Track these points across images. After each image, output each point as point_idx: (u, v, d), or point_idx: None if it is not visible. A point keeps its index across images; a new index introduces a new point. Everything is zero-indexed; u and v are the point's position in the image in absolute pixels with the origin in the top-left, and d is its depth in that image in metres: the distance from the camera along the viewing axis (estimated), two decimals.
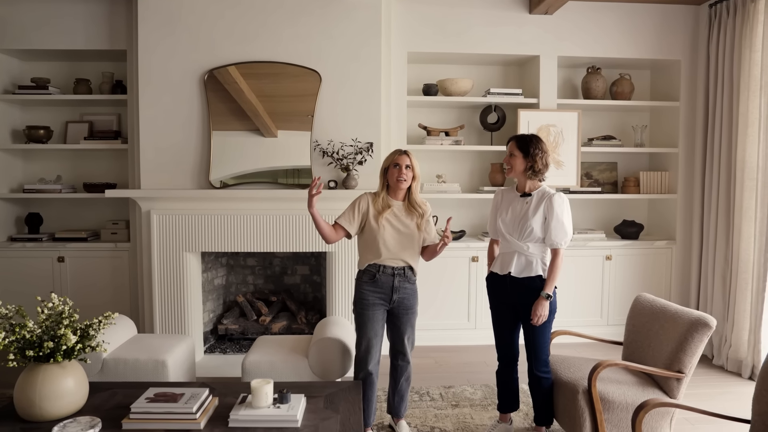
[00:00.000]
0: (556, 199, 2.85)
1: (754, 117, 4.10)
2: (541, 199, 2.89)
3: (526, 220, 2.88)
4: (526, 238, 2.89)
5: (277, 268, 4.91)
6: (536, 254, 2.90)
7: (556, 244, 2.85)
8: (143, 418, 2.21)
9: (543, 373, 2.94)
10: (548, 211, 2.85)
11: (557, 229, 2.83)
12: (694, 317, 2.73)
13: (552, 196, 2.87)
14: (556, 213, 2.83)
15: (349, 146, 4.22)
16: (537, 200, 2.90)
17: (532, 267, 2.90)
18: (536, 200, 2.90)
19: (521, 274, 2.91)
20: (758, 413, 2.19)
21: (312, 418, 2.31)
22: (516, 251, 2.93)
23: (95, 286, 4.56)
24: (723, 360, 4.33)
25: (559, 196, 2.87)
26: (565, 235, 2.85)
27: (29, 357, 2.23)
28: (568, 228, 2.85)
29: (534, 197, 2.91)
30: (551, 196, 2.86)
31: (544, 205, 2.86)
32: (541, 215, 2.86)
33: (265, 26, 4.21)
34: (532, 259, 2.90)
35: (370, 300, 2.96)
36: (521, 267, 2.91)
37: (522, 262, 2.91)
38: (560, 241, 2.84)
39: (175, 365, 3.24)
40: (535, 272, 2.89)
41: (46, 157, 4.85)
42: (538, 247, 2.90)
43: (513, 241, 2.93)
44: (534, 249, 2.89)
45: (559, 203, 2.84)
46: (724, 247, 4.40)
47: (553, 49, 4.75)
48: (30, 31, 4.40)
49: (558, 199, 2.85)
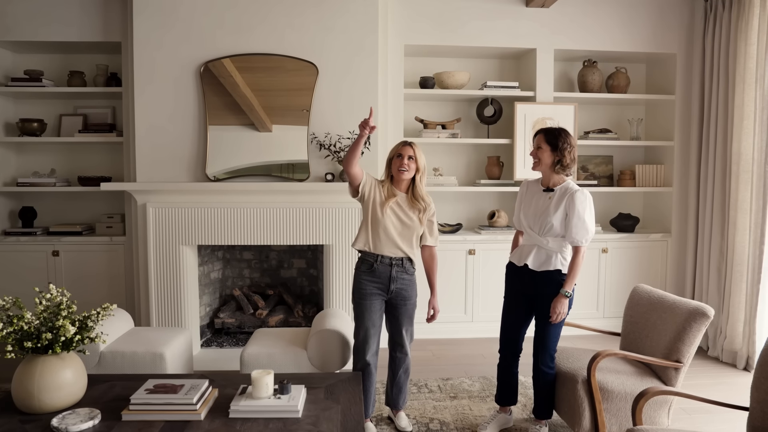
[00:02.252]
0: (578, 197, 2.78)
1: (750, 110, 4.12)
2: (563, 195, 2.83)
3: (546, 215, 2.83)
4: (546, 233, 2.85)
5: (273, 262, 4.90)
6: (555, 249, 2.86)
7: (576, 242, 2.78)
8: (143, 409, 2.19)
9: (548, 368, 2.94)
10: (570, 208, 2.78)
11: (578, 227, 2.77)
12: (692, 307, 2.75)
13: (574, 192, 2.80)
14: (578, 210, 2.76)
15: (346, 139, 4.21)
16: (559, 196, 2.84)
17: (551, 261, 2.86)
18: (558, 196, 2.84)
19: (540, 267, 2.88)
20: (757, 400, 2.20)
21: (313, 408, 2.30)
22: (536, 244, 2.91)
23: (90, 280, 4.53)
24: (718, 351, 4.36)
25: (582, 193, 2.80)
26: (587, 233, 2.77)
27: (27, 348, 2.21)
28: (590, 226, 2.78)
29: (557, 193, 2.86)
30: (573, 193, 2.80)
31: (566, 202, 2.80)
32: (563, 211, 2.80)
33: (261, 18, 4.18)
34: (551, 254, 2.86)
35: (367, 290, 2.96)
36: (540, 261, 2.88)
37: (542, 256, 2.88)
38: (581, 239, 2.78)
39: (173, 358, 3.22)
40: (554, 266, 2.85)
41: (40, 150, 4.81)
42: (557, 242, 2.85)
43: (533, 235, 2.91)
44: (553, 244, 2.86)
45: (581, 200, 2.77)
46: (719, 240, 4.42)
47: (550, 42, 4.75)
48: (23, 22, 4.35)
49: (580, 196, 2.78)
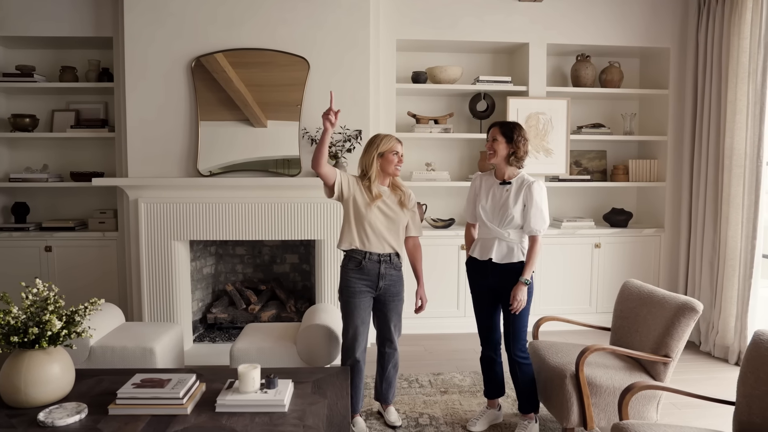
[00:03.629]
0: (535, 187, 2.87)
1: (742, 104, 4.12)
2: (521, 186, 2.91)
3: (506, 208, 2.90)
4: (507, 226, 2.91)
5: (266, 257, 4.90)
6: (516, 240, 2.92)
7: (534, 231, 2.87)
8: (129, 403, 2.19)
9: (521, 359, 2.95)
10: (528, 198, 2.87)
11: (536, 217, 2.86)
12: (680, 302, 2.76)
13: (531, 184, 2.89)
14: (536, 201, 2.86)
15: (337, 134, 4.20)
16: (516, 188, 2.92)
17: (513, 253, 2.92)
18: (516, 188, 2.92)
19: (503, 260, 2.93)
20: (743, 395, 2.21)
21: (299, 402, 2.31)
22: (496, 238, 2.94)
23: (83, 275, 4.53)
24: (710, 346, 4.37)
25: (538, 183, 2.90)
26: (544, 223, 2.87)
27: (14, 343, 2.20)
28: (546, 215, 2.88)
29: (513, 185, 2.93)
30: (530, 184, 2.89)
31: (524, 193, 2.88)
32: (521, 203, 2.89)
33: (252, 13, 4.17)
34: (512, 246, 2.92)
35: (356, 288, 2.95)
36: (502, 254, 2.93)
37: (503, 248, 2.93)
38: (539, 228, 2.87)
39: (163, 353, 3.23)
40: (516, 258, 2.91)
41: (32, 145, 4.80)
42: (517, 234, 2.92)
43: (493, 228, 2.95)
44: (514, 235, 2.92)
45: (538, 191, 2.87)
46: (711, 235, 4.43)
47: (543, 36, 4.74)
48: (14, 17, 4.33)
49: (537, 187, 2.88)
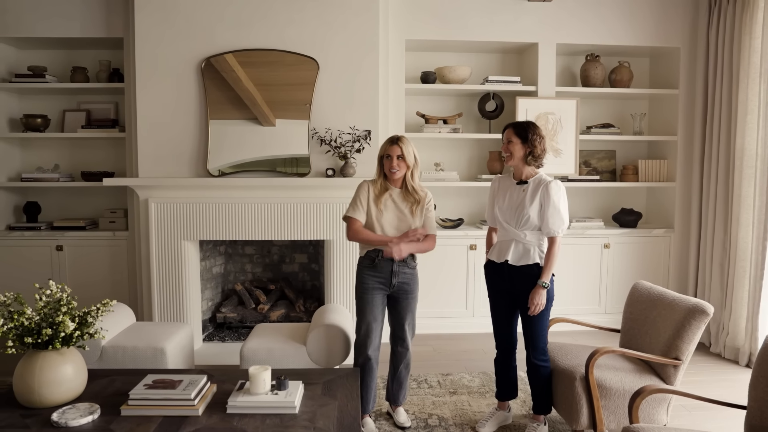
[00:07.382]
0: (552, 187, 2.81)
1: (754, 105, 4.09)
2: (538, 186, 2.86)
3: (522, 208, 2.86)
4: (523, 226, 2.87)
5: (275, 257, 4.91)
6: (533, 242, 2.88)
7: (552, 232, 2.82)
8: (142, 404, 2.21)
9: (541, 362, 2.94)
10: (544, 198, 2.82)
11: (554, 217, 2.80)
12: (691, 304, 2.74)
13: (548, 183, 2.83)
14: (553, 201, 2.80)
15: (347, 134, 4.21)
16: (533, 188, 2.87)
17: (529, 255, 2.87)
18: (532, 188, 2.87)
19: (519, 262, 2.89)
20: (754, 399, 2.20)
21: (310, 404, 2.32)
22: (513, 239, 2.91)
23: (93, 274, 4.56)
24: (720, 348, 4.35)
25: (556, 183, 2.84)
26: (562, 223, 2.81)
27: (28, 344, 2.23)
28: (564, 216, 2.82)
29: (530, 185, 2.88)
30: (547, 184, 2.83)
31: (541, 193, 2.83)
32: (538, 203, 2.83)
33: (261, 14, 4.18)
34: (529, 247, 2.88)
35: (369, 284, 2.98)
36: (519, 255, 2.90)
37: (519, 250, 2.90)
38: (557, 229, 2.81)
39: (173, 353, 3.24)
40: (532, 260, 2.87)
41: (43, 145, 4.84)
42: (535, 235, 2.88)
43: (510, 229, 2.92)
44: (531, 237, 2.87)
45: (555, 191, 2.81)
46: (722, 235, 4.40)
47: (552, 36, 4.73)
48: (26, 18, 4.37)
49: (554, 187, 2.82)
